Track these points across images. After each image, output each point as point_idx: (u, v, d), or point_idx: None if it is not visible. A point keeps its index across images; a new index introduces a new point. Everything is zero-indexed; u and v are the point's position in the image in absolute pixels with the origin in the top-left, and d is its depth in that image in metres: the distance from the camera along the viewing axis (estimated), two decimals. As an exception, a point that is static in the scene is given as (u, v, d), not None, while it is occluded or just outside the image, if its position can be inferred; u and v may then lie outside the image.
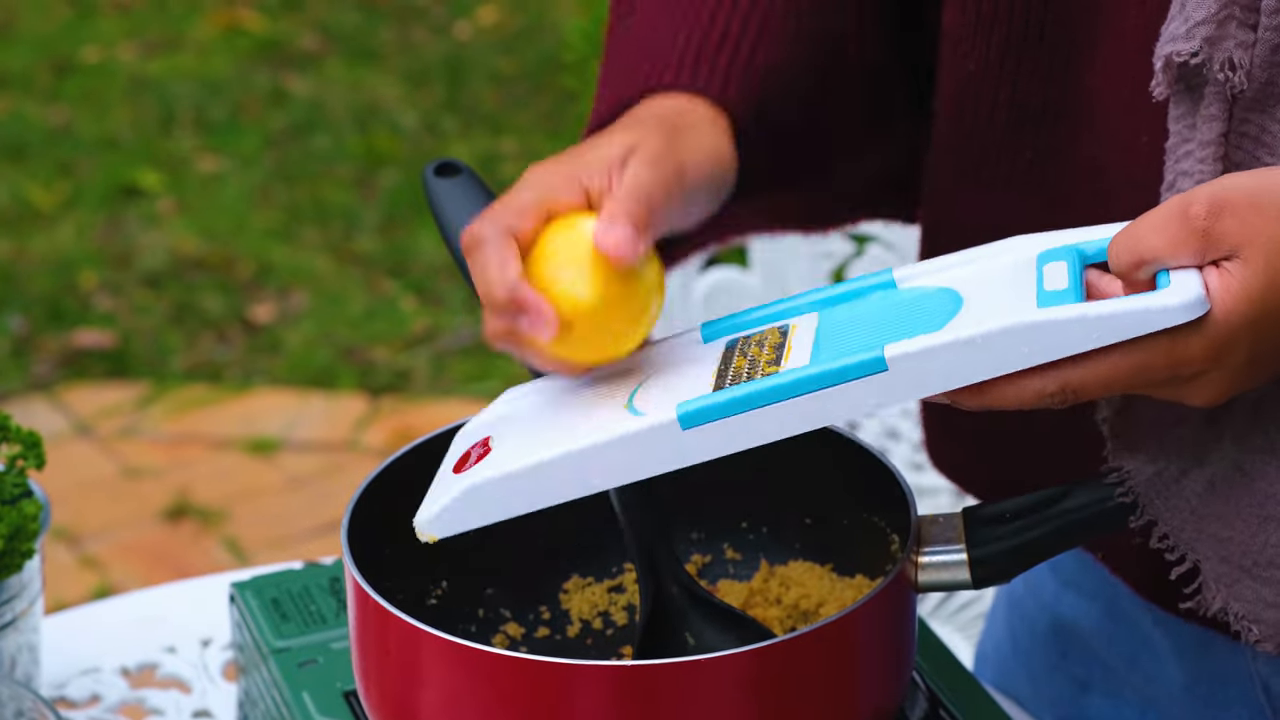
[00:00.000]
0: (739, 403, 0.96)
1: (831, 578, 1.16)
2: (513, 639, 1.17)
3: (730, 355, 1.02)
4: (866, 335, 0.99)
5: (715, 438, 0.97)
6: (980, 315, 0.97)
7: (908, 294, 1.03)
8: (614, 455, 0.98)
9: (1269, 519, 1.04)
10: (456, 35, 4.22)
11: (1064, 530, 1.08)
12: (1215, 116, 1.02)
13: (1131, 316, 0.94)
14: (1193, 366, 0.95)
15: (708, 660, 1.00)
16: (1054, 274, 0.98)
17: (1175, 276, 0.95)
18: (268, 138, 3.88)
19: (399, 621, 1.03)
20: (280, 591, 1.25)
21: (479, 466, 1.01)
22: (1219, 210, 0.94)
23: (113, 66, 4.11)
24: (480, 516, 1.00)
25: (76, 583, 2.82)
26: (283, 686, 1.18)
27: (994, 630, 1.40)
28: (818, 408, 0.96)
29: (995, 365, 0.95)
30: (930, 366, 0.95)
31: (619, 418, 0.99)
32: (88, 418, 3.17)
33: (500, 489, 0.99)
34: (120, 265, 3.53)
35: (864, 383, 0.95)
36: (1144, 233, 0.95)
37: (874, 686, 1.07)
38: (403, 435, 3.08)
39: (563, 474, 0.98)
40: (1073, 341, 0.94)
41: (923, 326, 0.98)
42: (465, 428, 1.08)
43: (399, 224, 3.63)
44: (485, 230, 1.02)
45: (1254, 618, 1.06)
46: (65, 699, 1.30)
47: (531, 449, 1.00)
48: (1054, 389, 0.95)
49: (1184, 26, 1.01)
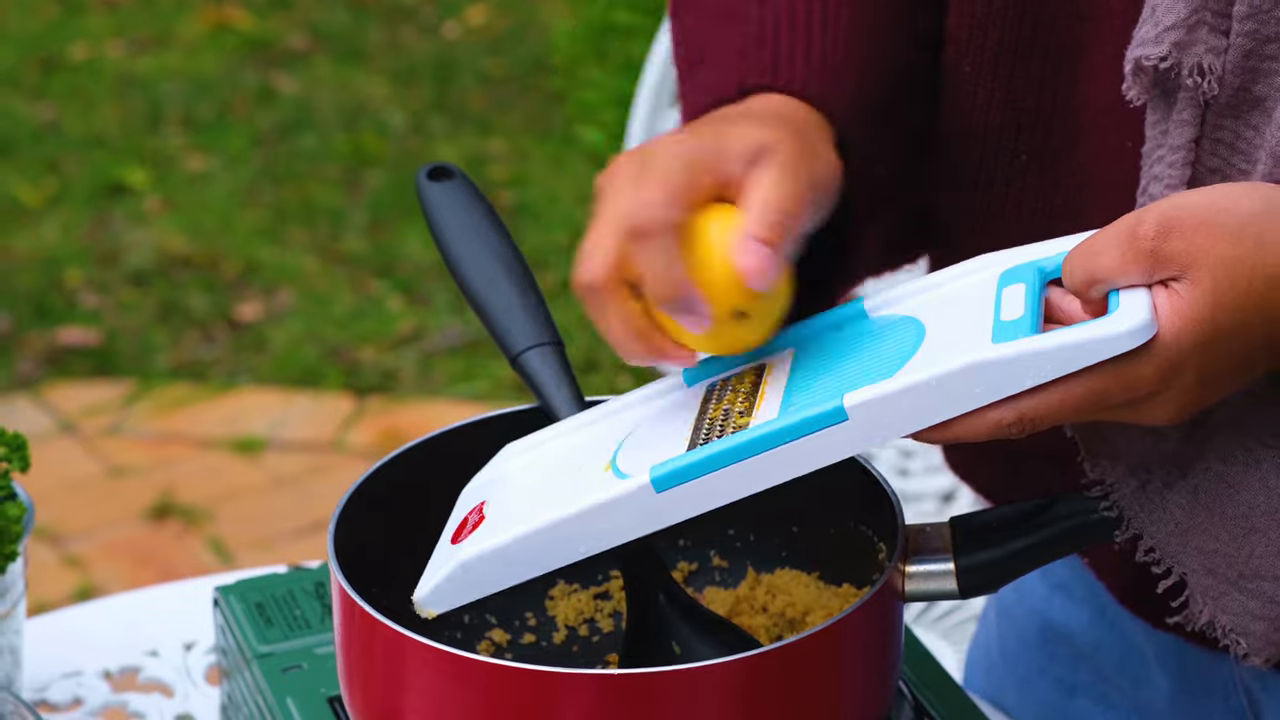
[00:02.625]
0: (708, 462, 0.98)
1: (818, 586, 1.16)
2: (498, 645, 1.17)
3: (708, 403, 1.03)
4: (832, 381, 1.00)
5: (689, 498, 0.98)
6: (937, 351, 0.98)
7: (876, 324, 1.03)
8: (593, 522, 0.99)
9: (1254, 530, 1.04)
10: (445, 36, 4.22)
11: (1051, 541, 1.08)
12: (1187, 122, 1.02)
13: (1079, 348, 0.94)
14: (1145, 388, 0.95)
15: (694, 669, 1.00)
16: (1011, 300, 0.99)
17: (1124, 298, 0.95)
18: (255, 136, 3.87)
19: (385, 628, 1.03)
20: (265, 595, 1.25)
21: (471, 539, 1.02)
22: (1167, 230, 0.94)
23: (100, 64, 4.10)
24: (474, 591, 1.01)
25: (59, 582, 2.81)
26: (266, 692, 1.17)
27: (984, 635, 1.40)
28: (785, 461, 0.98)
29: (951, 406, 0.96)
30: (888, 412, 0.96)
31: (600, 481, 1.01)
32: (72, 416, 3.16)
33: (489, 563, 1.00)
34: (106, 263, 3.52)
35: (827, 434, 0.97)
36: (1094, 252, 0.96)
37: (860, 695, 1.06)
38: (389, 436, 3.08)
39: (547, 544, 1.00)
40: (1024, 377, 0.95)
41: (882, 368, 0.99)
42: (468, 488, 1.09)
43: (386, 224, 3.63)
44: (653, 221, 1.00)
45: (1241, 630, 1.06)
46: (47, 702, 1.30)
47: (518, 519, 1.01)
48: (1011, 420, 0.96)
49: (1154, 31, 1.01)
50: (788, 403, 1.00)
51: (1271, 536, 1.04)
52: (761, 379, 1.03)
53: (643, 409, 1.07)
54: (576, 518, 0.99)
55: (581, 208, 3.64)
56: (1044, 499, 1.10)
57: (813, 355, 1.04)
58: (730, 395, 1.03)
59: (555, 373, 1.10)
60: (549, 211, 3.63)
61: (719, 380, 1.05)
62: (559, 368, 1.10)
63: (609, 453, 1.03)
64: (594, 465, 1.03)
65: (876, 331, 1.03)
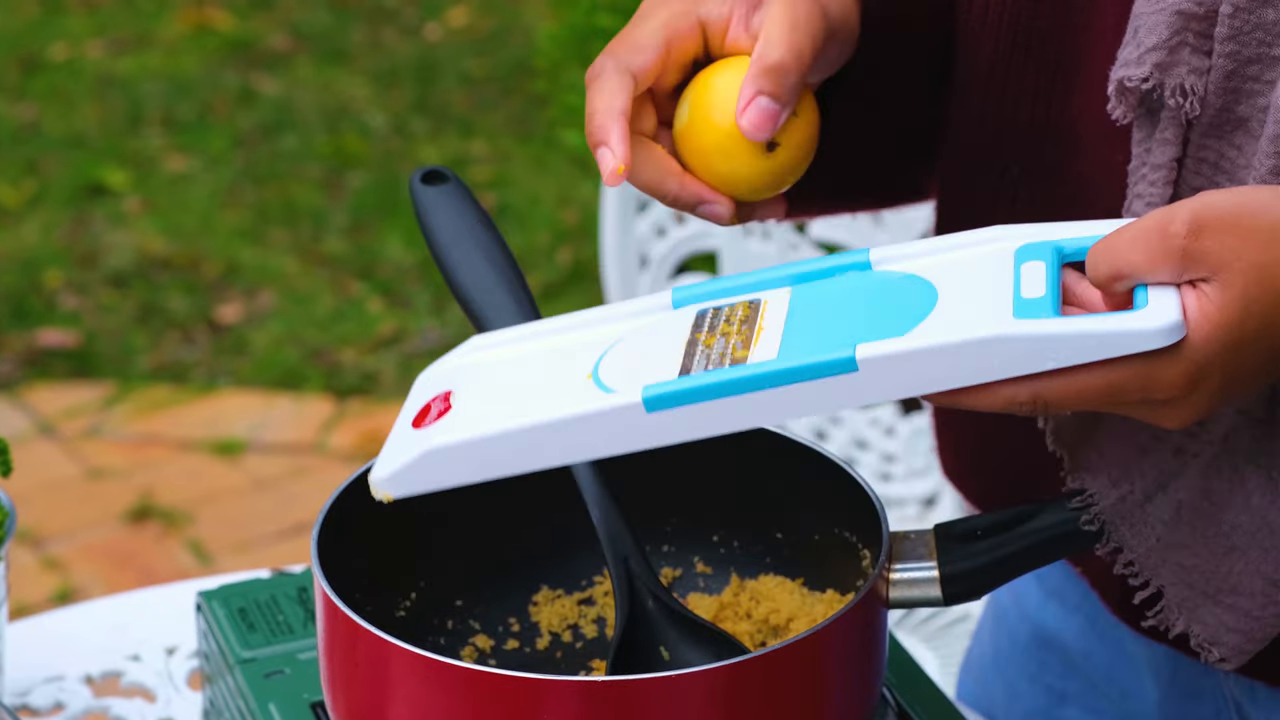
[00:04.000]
0: (706, 390, 0.95)
1: (802, 592, 1.16)
2: (482, 651, 1.17)
3: (699, 328, 1.01)
4: (838, 327, 0.98)
5: (679, 423, 0.96)
6: (954, 316, 0.96)
7: (882, 279, 1.01)
8: (575, 431, 0.96)
9: (1234, 549, 1.04)
10: (427, 37, 4.22)
11: (1035, 549, 1.08)
12: (1169, 141, 1.02)
13: (1107, 338, 0.93)
14: (1168, 392, 0.94)
15: (677, 676, 1.00)
16: (1031, 276, 0.97)
17: (1153, 295, 0.94)
18: (236, 137, 3.87)
19: (368, 634, 1.03)
20: (247, 601, 1.24)
21: (439, 425, 0.99)
22: (1199, 230, 0.93)
23: (80, 64, 4.09)
24: (438, 480, 0.98)
25: (38, 585, 2.80)
26: (249, 697, 1.17)
27: (979, 642, 1.40)
28: (784, 402, 0.95)
29: (967, 374, 0.94)
30: (901, 370, 0.94)
31: (583, 390, 0.98)
32: (51, 418, 3.15)
33: (459, 454, 0.97)
34: (86, 264, 3.51)
35: (833, 381, 0.94)
36: (1123, 246, 0.94)
37: (844, 701, 1.06)
38: (369, 438, 3.07)
39: (523, 445, 0.97)
40: (1046, 357, 0.93)
41: (895, 323, 0.96)
42: (424, 375, 1.06)
43: (367, 225, 3.62)
44: (604, 64, 1.03)
45: (1215, 640, 1.06)
46: (28, 707, 1.29)
47: (493, 414, 0.98)
48: (1025, 398, 0.95)
49: (1136, 52, 1.01)
50: (789, 343, 0.97)
51: (1251, 556, 1.04)
52: (757, 314, 1.01)
53: (624, 324, 1.04)
54: (558, 424, 0.96)
55: (562, 210, 3.64)
56: (1028, 507, 1.10)
57: (813, 298, 1.01)
58: (725, 326, 1.00)
59: None
60: (531, 213, 3.63)
61: (710, 308, 1.02)
62: None
63: (589, 362, 1.00)
64: (573, 372, 1.00)
65: (883, 285, 1.01)
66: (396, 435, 1.02)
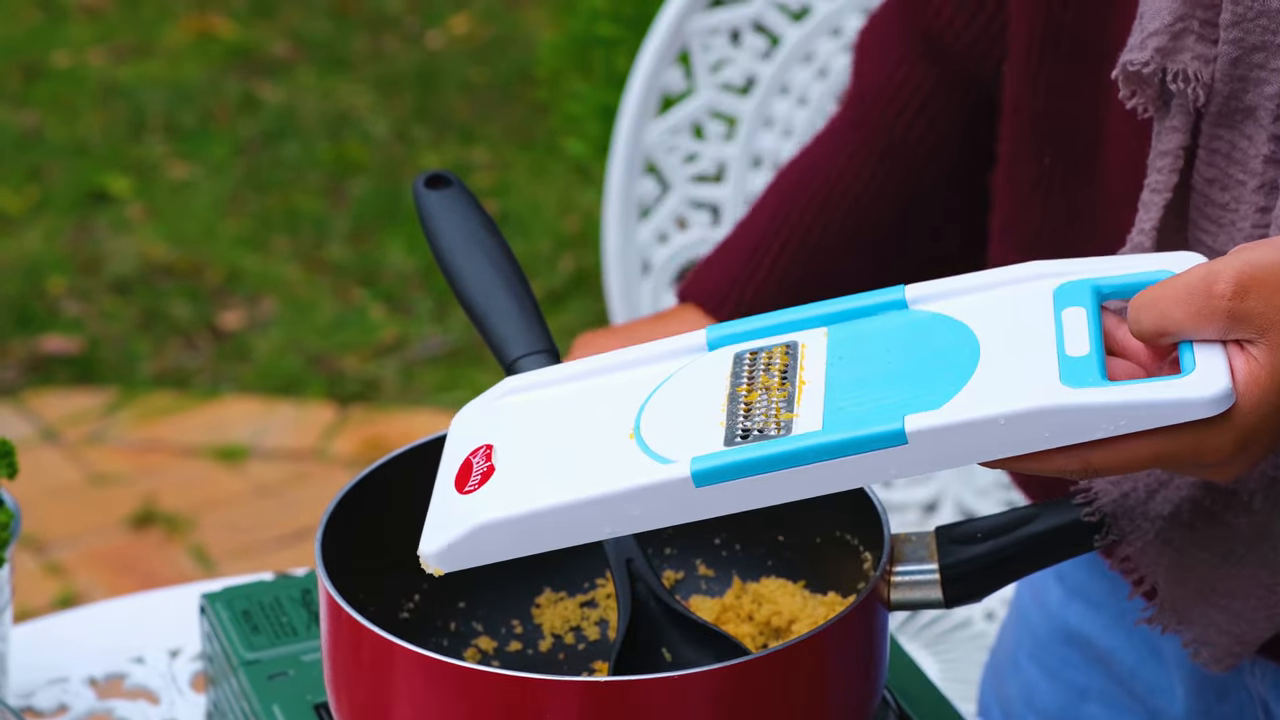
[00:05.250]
0: (754, 465, 0.95)
1: (804, 595, 1.16)
2: (485, 653, 1.17)
3: (738, 378, 1.00)
4: (882, 388, 0.97)
5: (728, 496, 0.96)
6: (1000, 377, 0.95)
7: (920, 323, 1.00)
8: (624, 506, 0.96)
9: (1233, 554, 1.04)
10: (428, 45, 4.22)
11: (1034, 550, 1.08)
12: (1176, 129, 1.03)
13: (1157, 407, 0.92)
14: (1217, 455, 0.94)
15: (679, 677, 1.00)
16: (1074, 328, 0.96)
17: (1200, 356, 0.93)
18: (238, 145, 3.87)
19: (372, 635, 1.03)
20: (251, 603, 1.25)
21: (485, 493, 0.99)
22: (1244, 290, 0.92)
23: (83, 71, 4.10)
24: (487, 554, 0.98)
25: (41, 590, 2.81)
26: (253, 698, 1.18)
27: (1003, 641, 1.40)
28: (832, 474, 0.95)
29: (1018, 444, 0.93)
30: (949, 442, 0.93)
31: (628, 454, 0.97)
32: (54, 424, 3.16)
33: (508, 530, 0.97)
34: (89, 271, 3.52)
35: (882, 454, 0.94)
36: (1167, 304, 0.93)
37: (845, 704, 1.07)
38: (371, 444, 3.08)
39: (571, 520, 0.97)
40: (1097, 428, 0.92)
41: (940, 384, 0.95)
42: (460, 418, 1.05)
43: (369, 233, 3.63)
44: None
45: (1204, 640, 1.07)
46: (33, 709, 1.30)
47: (538, 481, 0.98)
48: (1075, 467, 0.94)
49: (1139, 37, 1.02)
50: (833, 405, 0.96)
51: (1250, 562, 1.04)
52: (796, 362, 0.99)
53: (661, 367, 1.03)
54: (608, 499, 0.96)
55: (564, 217, 3.65)
56: (1028, 509, 1.10)
57: (852, 345, 1.00)
58: (764, 378, 0.99)
59: None
60: (532, 221, 3.63)
61: (746, 352, 1.01)
62: None
63: (630, 416, 1.00)
64: (615, 429, 0.99)
65: (922, 331, 0.99)
66: (440, 498, 1.02)
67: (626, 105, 1.90)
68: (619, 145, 1.91)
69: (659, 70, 1.90)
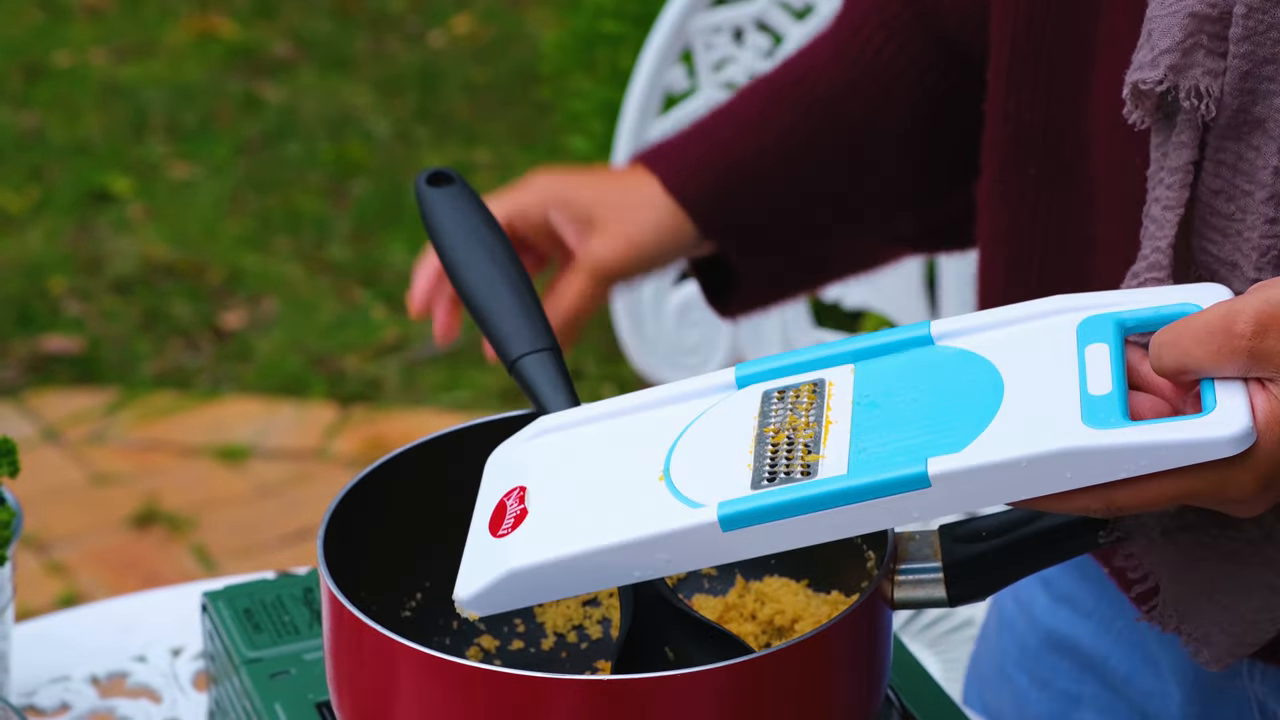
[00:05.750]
0: (779, 509, 0.97)
1: (807, 594, 1.16)
2: (487, 651, 1.17)
3: (767, 417, 1.02)
4: (906, 430, 0.98)
5: (754, 539, 0.98)
6: (1021, 416, 0.96)
7: (945, 360, 1.01)
8: (653, 550, 0.98)
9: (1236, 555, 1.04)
10: (430, 44, 4.22)
11: (1039, 549, 1.08)
12: (1185, 144, 1.02)
13: (1179, 448, 0.93)
14: (1240, 493, 0.94)
15: (682, 675, 1.00)
16: (1096, 365, 0.97)
17: (1221, 394, 0.94)
18: (239, 145, 3.87)
19: (374, 633, 1.03)
20: (253, 601, 1.25)
21: (517, 537, 1.01)
22: (1265, 329, 0.93)
23: (84, 71, 4.10)
24: (520, 599, 1.00)
25: (43, 590, 2.81)
26: (254, 697, 1.17)
27: (983, 649, 1.40)
28: (857, 517, 0.97)
29: (1040, 485, 0.94)
30: (972, 484, 0.95)
31: (657, 497, 1.00)
32: (56, 423, 3.16)
33: (540, 575, 1.00)
34: (90, 271, 3.52)
35: (906, 497, 0.95)
36: (1188, 343, 0.94)
37: (848, 703, 1.07)
38: (373, 444, 3.08)
39: (602, 565, 0.99)
40: (1119, 468, 0.93)
41: (963, 424, 0.96)
42: (495, 459, 1.08)
43: (370, 233, 3.63)
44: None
45: (1205, 640, 1.07)
46: (34, 707, 1.29)
47: (570, 526, 1.00)
48: (1098, 506, 0.95)
49: (1150, 55, 1.02)
50: (858, 447, 0.98)
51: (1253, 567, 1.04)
52: (824, 401, 1.01)
53: (690, 406, 1.05)
54: (637, 545, 0.98)
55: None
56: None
57: (878, 384, 1.01)
58: (791, 418, 1.01)
59: (552, 378, 1.10)
60: (533, 221, 3.63)
61: (774, 390, 1.03)
62: (556, 373, 1.10)
63: (660, 457, 1.02)
64: (645, 471, 1.01)
65: (947, 369, 1.01)
66: (475, 542, 1.04)
67: (629, 104, 1.90)
68: (622, 144, 1.90)
69: (662, 69, 1.90)
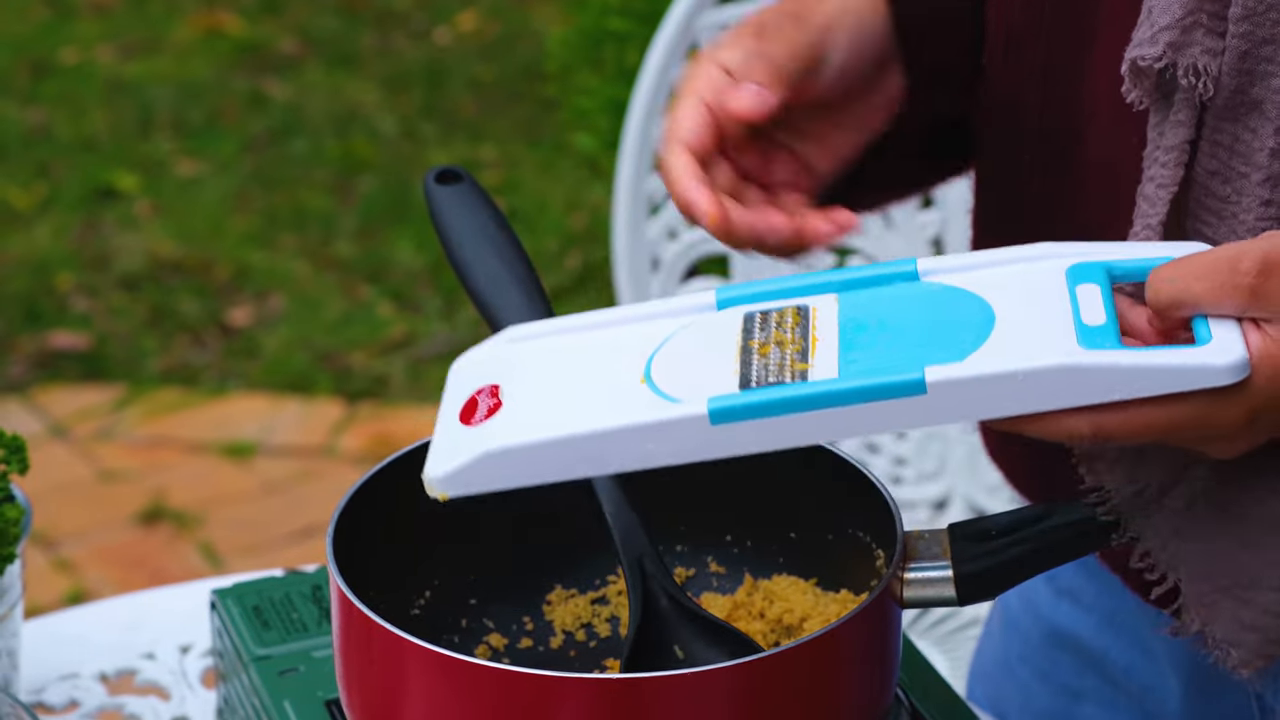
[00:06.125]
0: (771, 406, 0.95)
1: (815, 592, 1.16)
2: (496, 649, 1.17)
3: (750, 333, 1.00)
4: (898, 346, 0.98)
5: (743, 436, 0.96)
6: (1017, 340, 0.96)
7: (933, 293, 1.01)
8: (637, 440, 0.96)
9: (1248, 543, 1.04)
10: (436, 41, 4.22)
11: (1049, 548, 1.08)
12: (1182, 123, 1.03)
13: (1177, 371, 0.93)
14: (1225, 428, 0.95)
15: (690, 674, 1.00)
16: (1089, 301, 0.97)
17: (1216, 330, 0.94)
18: (246, 142, 3.87)
19: (383, 631, 1.03)
20: (262, 599, 1.25)
21: (493, 424, 0.99)
22: (1269, 271, 0.94)
23: (91, 68, 4.10)
24: (495, 482, 0.97)
25: (51, 586, 2.81)
26: (263, 694, 1.17)
27: (987, 644, 1.40)
28: (849, 421, 0.95)
29: (1035, 402, 0.94)
30: (969, 395, 0.94)
31: (640, 395, 0.97)
32: (63, 420, 3.16)
33: (520, 458, 0.97)
34: (97, 267, 3.52)
35: (900, 403, 0.94)
36: (1188, 278, 0.95)
37: (858, 701, 1.07)
38: (379, 441, 3.08)
39: (584, 452, 0.96)
40: (1114, 389, 0.94)
41: (956, 343, 0.96)
42: (459, 365, 1.05)
43: (377, 230, 3.63)
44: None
45: (1233, 641, 1.06)
46: (43, 704, 1.30)
47: (550, 415, 0.98)
48: (1086, 432, 0.95)
49: (1149, 32, 1.02)
50: (848, 358, 0.97)
51: (1265, 552, 1.04)
52: (809, 322, 1.00)
53: (668, 323, 1.03)
54: (621, 432, 0.95)
55: (571, 214, 3.65)
56: (1042, 506, 1.10)
57: (862, 308, 1.01)
58: (778, 334, 1.00)
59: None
60: (539, 218, 3.63)
61: (757, 312, 1.02)
62: None
63: (639, 363, 1.00)
64: (625, 373, 0.99)
65: (935, 300, 1.00)
66: (445, 430, 1.01)
67: (636, 101, 1.90)
68: (629, 141, 1.90)
69: (669, 66, 1.89)
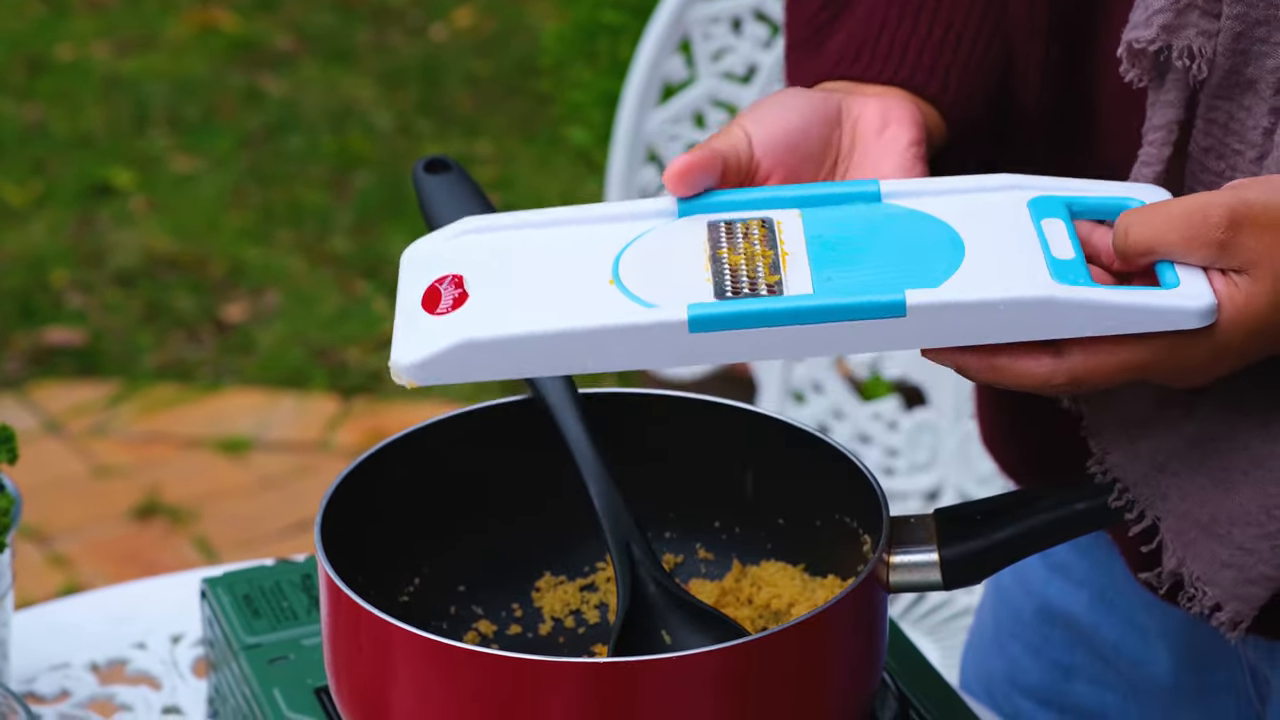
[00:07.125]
0: (751, 317, 0.95)
1: (803, 578, 1.16)
2: (485, 636, 1.17)
3: (718, 242, 1.00)
4: (874, 267, 0.98)
5: (719, 346, 0.96)
6: (989, 270, 0.97)
7: (898, 216, 1.01)
8: (613, 341, 0.96)
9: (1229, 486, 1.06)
10: (432, 37, 4.22)
11: (1035, 532, 1.09)
12: (1171, 103, 1.04)
13: (1150, 312, 0.95)
14: (1190, 367, 0.98)
15: (678, 659, 1.00)
16: (1056, 236, 0.99)
17: (1183, 276, 0.97)
18: (241, 138, 3.87)
19: (371, 617, 1.03)
20: (252, 587, 1.25)
21: (464, 315, 0.98)
22: (1238, 224, 0.96)
23: (86, 65, 4.10)
24: (465, 373, 0.96)
25: (45, 581, 2.81)
26: (253, 682, 1.18)
27: (980, 623, 1.40)
28: (825, 338, 0.96)
29: (1008, 332, 0.96)
30: (947, 320, 0.95)
31: (610, 296, 0.97)
32: (58, 416, 3.16)
33: (494, 350, 0.96)
34: (92, 263, 3.52)
35: (878, 324, 0.95)
36: (1160, 225, 0.97)
37: (845, 686, 1.07)
38: (374, 436, 3.08)
39: (559, 349, 0.96)
40: (1088, 325, 0.96)
41: (930, 270, 0.97)
42: (412, 253, 1.04)
43: (372, 225, 3.63)
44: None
45: (1209, 579, 1.07)
46: (34, 694, 1.30)
47: (522, 310, 0.97)
48: (1062, 380, 0.98)
49: (1144, 14, 1.03)
50: (821, 274, 0.98)
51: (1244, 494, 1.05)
52: (775, 235, 1.00)
53: (630, 226, 1.02)
54: (599, 332, 0.95)
55: (567, 209, 3.65)
56: (1028, 490, 1.10)
57: (829, 227, 1.01)
58: (746, 244, 1.00)
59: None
60: (535, 213, 3.64)
61: (722, 222, 1.01)
62: None
63: (606, 264, 0.99)
64: (592, 273, 0.99)
65: (901, 223, 1.01)
66: (408, 318, 0.99)
67: (628, 94, 1.90)
68: (620, 134, 1.91)
69: (660, 59, 1.90)
